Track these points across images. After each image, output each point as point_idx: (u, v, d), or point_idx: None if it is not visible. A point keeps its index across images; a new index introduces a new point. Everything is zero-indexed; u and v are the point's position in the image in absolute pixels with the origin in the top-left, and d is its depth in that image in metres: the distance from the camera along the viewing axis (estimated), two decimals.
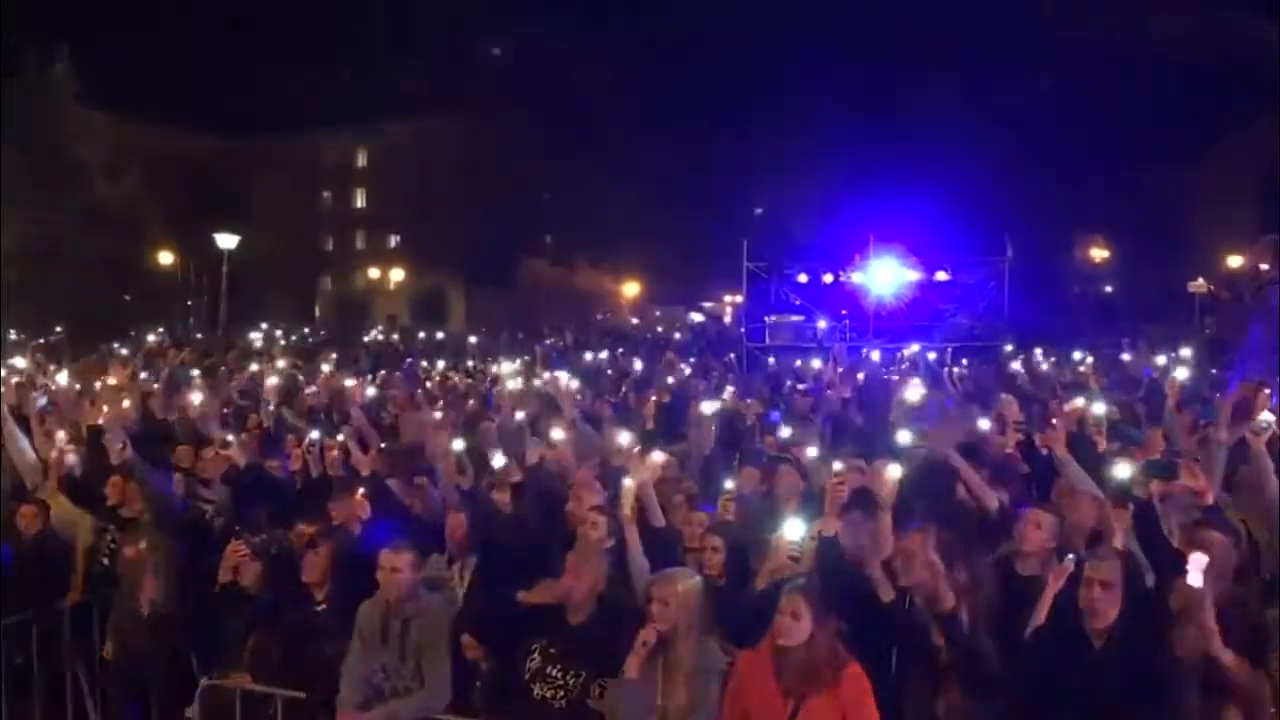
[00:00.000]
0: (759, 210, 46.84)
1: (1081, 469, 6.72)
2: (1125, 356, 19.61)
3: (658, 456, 5.96)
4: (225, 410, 11.60)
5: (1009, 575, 5.16)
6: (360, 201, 65.68)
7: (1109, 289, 51.09)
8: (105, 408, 10.05)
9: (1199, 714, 4.22)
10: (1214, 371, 16.57)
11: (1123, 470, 5.67)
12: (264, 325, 40.48)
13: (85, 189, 42.25)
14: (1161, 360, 18.62)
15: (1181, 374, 8.85)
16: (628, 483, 5.50)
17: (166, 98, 50.00)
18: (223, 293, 26.40)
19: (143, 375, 15.45)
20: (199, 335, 28.71)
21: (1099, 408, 7.70)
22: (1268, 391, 7.08)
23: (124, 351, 24.33)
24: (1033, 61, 38.94)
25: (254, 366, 17.29)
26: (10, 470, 7.81)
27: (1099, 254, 52.72)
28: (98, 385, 13.84)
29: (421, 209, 55.34)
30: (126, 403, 10.31)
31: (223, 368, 18.81)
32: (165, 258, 50.26)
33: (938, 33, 39.99)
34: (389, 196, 60.10)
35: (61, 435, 8.44)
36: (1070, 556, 4.71)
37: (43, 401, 9.93)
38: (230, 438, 9.08)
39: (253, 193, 54.37)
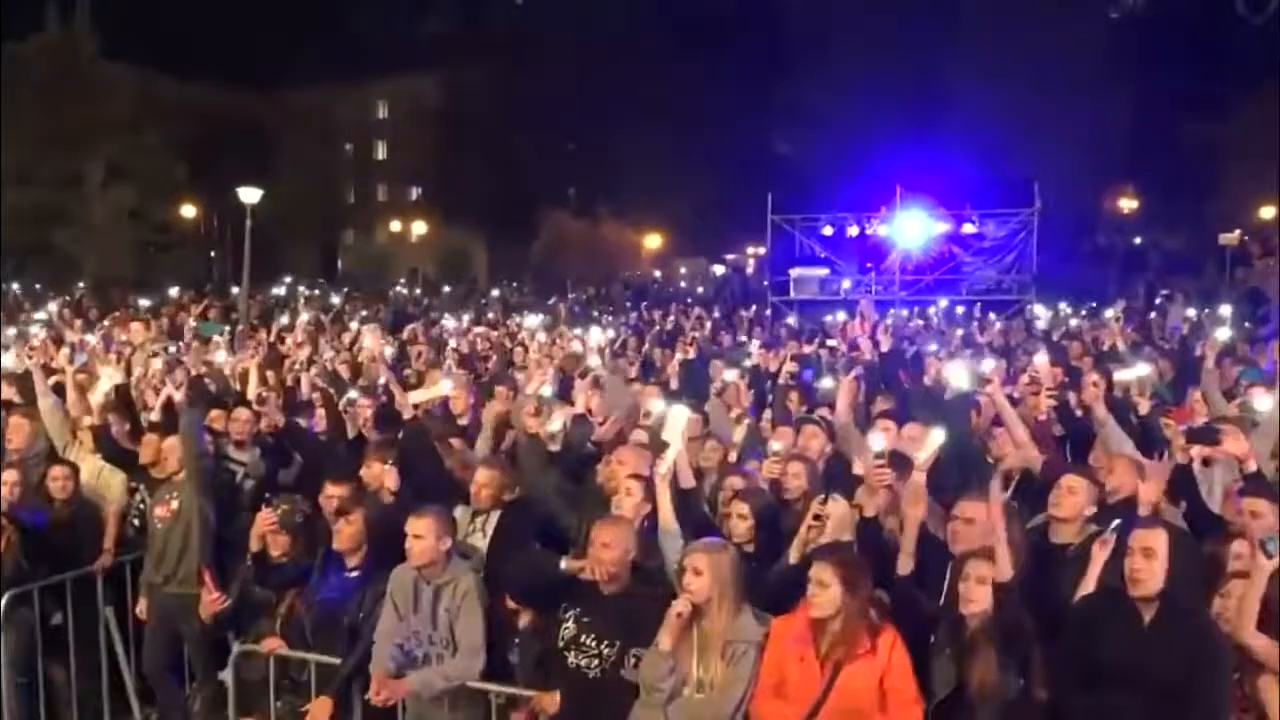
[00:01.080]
0: (783, 148, 46.25)
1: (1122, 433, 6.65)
2: (1153, 316, 19.33)
3: (682, 415, 5.81)
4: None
5: (1042, 543, 5.08)
6: (381, 154, 65.50)
7: (1138, 240, 50.41)
8: (138, 369, 10.06)
9: (1241, 685, 4.16)
10: (1247, 325, 16.39)
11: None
12: (287, 279, 40.66)
13: (107, 144, 42.28)
14: (1191, 313, 18.40)
15: (1222, 334, 8.64)
16: (674, 425, 5.44)
17: (187, 52, 49.82)
18: (246, 247, 26.31)
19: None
20: (233, 289, 28.84)
21: (1142, 369, 7.53)
22: None
23: (145, 303, 24.44)
24: (1064, 9, 38.14)
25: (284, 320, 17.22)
26: (43, 432, 7.81)
27: (1128, 204, 51.96)
28: (122, 341, 13.91)
29: (443, 161, 55.09)
30: (157, 362, 10.29)
31: (241, 325, 18.87)
32: (188, 212, 50.35)
33: None
34: (410, 149, 59.86)
35: (99, 393, 8.45)
36: (1115, 524, 4.61)
37: (81, 358, 9.89)
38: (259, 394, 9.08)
39: (274, 146, 54.26)
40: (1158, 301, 24.40)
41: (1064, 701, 4.10)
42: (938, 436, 5.08)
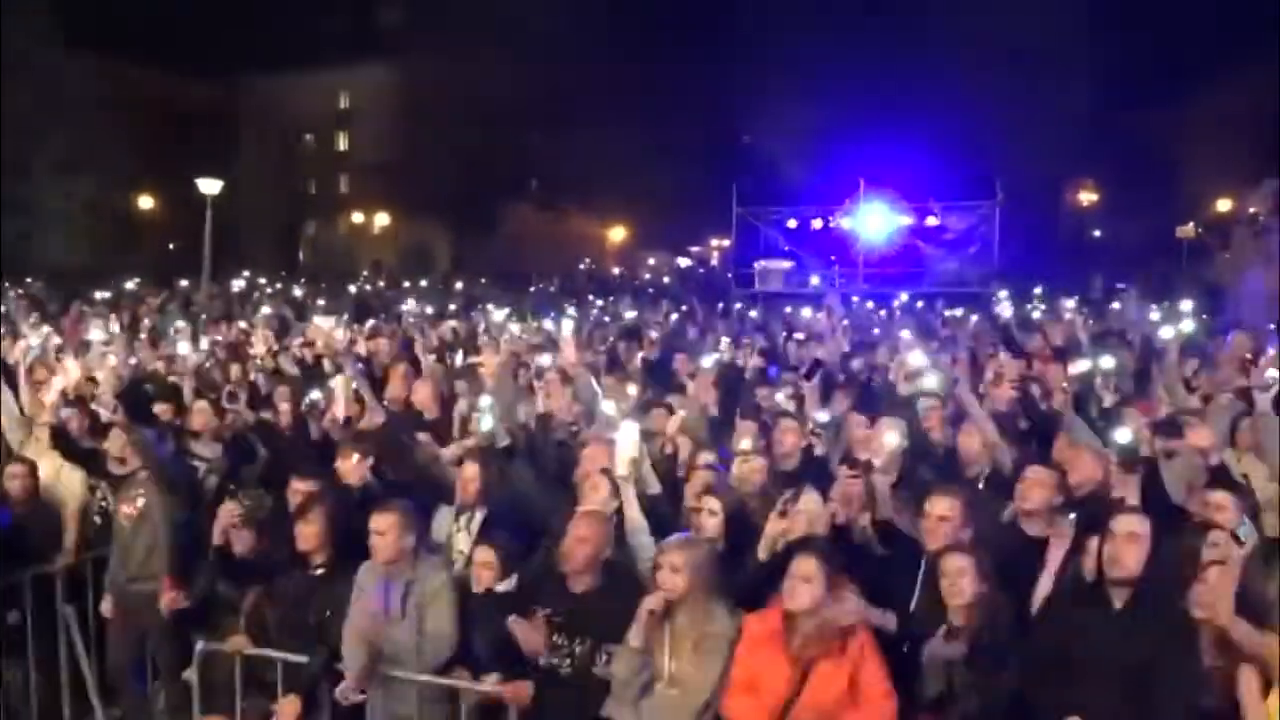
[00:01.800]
0: (747, 138, 46.35)
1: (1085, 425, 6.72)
2: (1115, 305, 19.56)
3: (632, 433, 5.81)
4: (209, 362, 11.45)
5: (1017, 537, 5.13)
6: (343, 145, 64.95)
7: (1097, 233, 51.04)
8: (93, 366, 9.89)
9: (1215, 674, 4.22)
10: (1204, 318, 16.61)
11: (1124, 435, 5.58)
12: (246, 273, 40.16)
13: (65, 132, 41.58)
14: (1154, 312, 18.62)
15: (1186, 327, 8.75)
16: (624, 443, 5.40)
17: (148, 40, 49.14)
18: (206, 239, 26.01)
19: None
20: (182, 282, 28.43)
21: (1107, 362, 7.60)
22: (1272, 352, 7.03)
23: (100, 296, 24.05)
24: (1027, 4, 38.47)
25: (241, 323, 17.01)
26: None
27: (1088, 197, 52.58)
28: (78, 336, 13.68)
29: (406, 152, 54.70)
30: (113, 360, 10.12)
31: (204, 316, 18.63)
32: (146, 203, 49.67)
33: None
34: (373, 140, 59.42)
35: (55, 390, 8.29)
36: (1071, 517, 4.66)
37: (35, 352, 9.68)
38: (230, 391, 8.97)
39: (235, 136, 53.66)
40: (1116, 292, 24.72)
41: (1039, 688, 4.15)
42: (892, 439, 5.12)
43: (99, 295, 24.87)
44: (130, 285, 29.95)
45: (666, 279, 47.66)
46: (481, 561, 5.14)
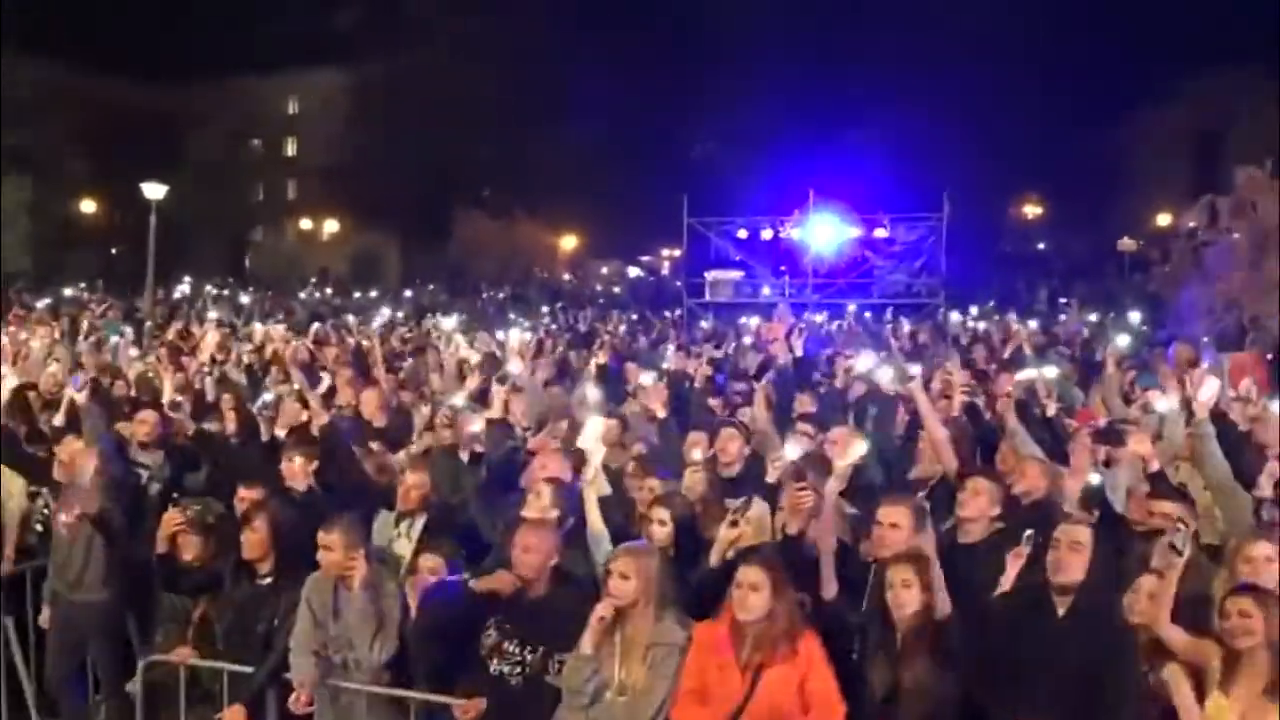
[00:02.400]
0: (697, 150, 46.59)
1: (1028, 435, 6.83)
2: (1061, 317, 19.93)
3: (598, 424, 5.83)
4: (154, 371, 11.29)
5: (953, 544, 5.21)
6: (292, 150, 64.20)
7: (1042, 245, 51.90)
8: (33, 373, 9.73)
9: (1149, 679, 4.32)
10: (1145, 330, 16.96)
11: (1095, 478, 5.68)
12: (188, 279, 39.55)
13: (6, 134, 40.72)
14: (1093, 317, 19.00)
15: (1122, 340, 8.94)
16: (590, 448, 5.41)
17: (92, 42, 48.26)
18: (150, 244, 25.59)
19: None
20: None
21: (1050, 371, 7.74)
22: (1208, 364, 7.19)
23: (41, 305, 23.62)
24: (971, 19, 39.07)
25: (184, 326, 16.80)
26: None
27: (1033, 211, 53.51)
28: (18, 342, 13.43)
29: (355, 159, 54.18)
30: (54, 366, 9.95)
31: (148, 323, 18.38)
32: (88, 207, 48.80)
33: None
34: (321, 145, 58.80)
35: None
36: (1028, 534, 4.75)
37: None
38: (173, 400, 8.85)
39: (180, 140, 52.89)
40: (1060, 304, 25.16)
41: (985, 693, 4.22)
42: (859, 448, 5.15)
43: (40, 302, 24.44)
44: (70, 291, 29.47)
45: (616, 289, 47.71)
46: (428, 568, 5.11)
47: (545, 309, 26.64)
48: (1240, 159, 18.40)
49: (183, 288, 36.66)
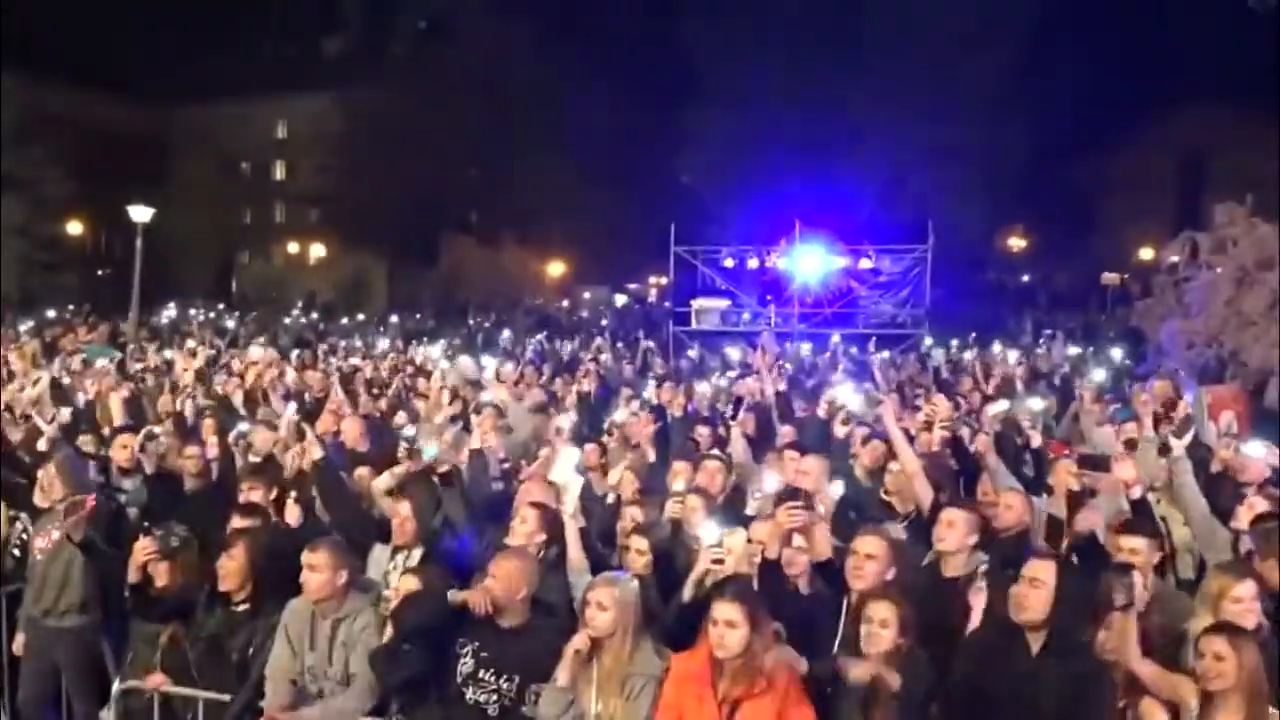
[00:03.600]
0: (685, 178, 46.75)
1: (1006, 469, 6.86)
2: (1040, 350, 20.03)
3: (572, 454, 5.84)
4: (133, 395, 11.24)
5: (937, 579, 5.21)
6: (280, 174, 64.27)
7: (1026, 278, 52.20)
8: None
9: (1127, 715, 4.32)
10: (1127, 363, 17.07)
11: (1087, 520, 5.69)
12: (173, 303, 39.43)
13: None
14: (1074, 350, 19.10)
15: (1098, 375, 8.99)
16: (566, 479, 5.41)
17: (80, 63, 48.30)
18: (136, 267, 25.54)
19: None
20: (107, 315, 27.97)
21: (1036, 404, 7.75)
22: (1189, 398, 7.24)
23: (23, 327, 23.53)
24: (957, 53, 39.41)
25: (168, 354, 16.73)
26: None
27: (1017, 243, 53.85)
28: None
29: (342, 183, 54.23)
30: (37, 389, 9.90)
31: (132, 346, 18.32)
32: (75, 229, 48.64)
33: (864, 19, 40.21)
34: (309, 170, 58.89)
35: None
36: (983, 567, 4.76)
37: None
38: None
39: (168, 163, 52.88)
40: (1043, 336, 25.28)
41: None
42: (838, 489, 5.17)
43: (24, 325, 24.34)
44: (52, 313, 29.33)
45: (604, 319, 47.74)
46: (406, 589, 5.03)
47: (533, 336, 26.60)
48: (1221, 193, 18.53)
49: (168, 311, 36.59)
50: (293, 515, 6.00)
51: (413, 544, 5.73)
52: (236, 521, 5.76)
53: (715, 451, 7.51)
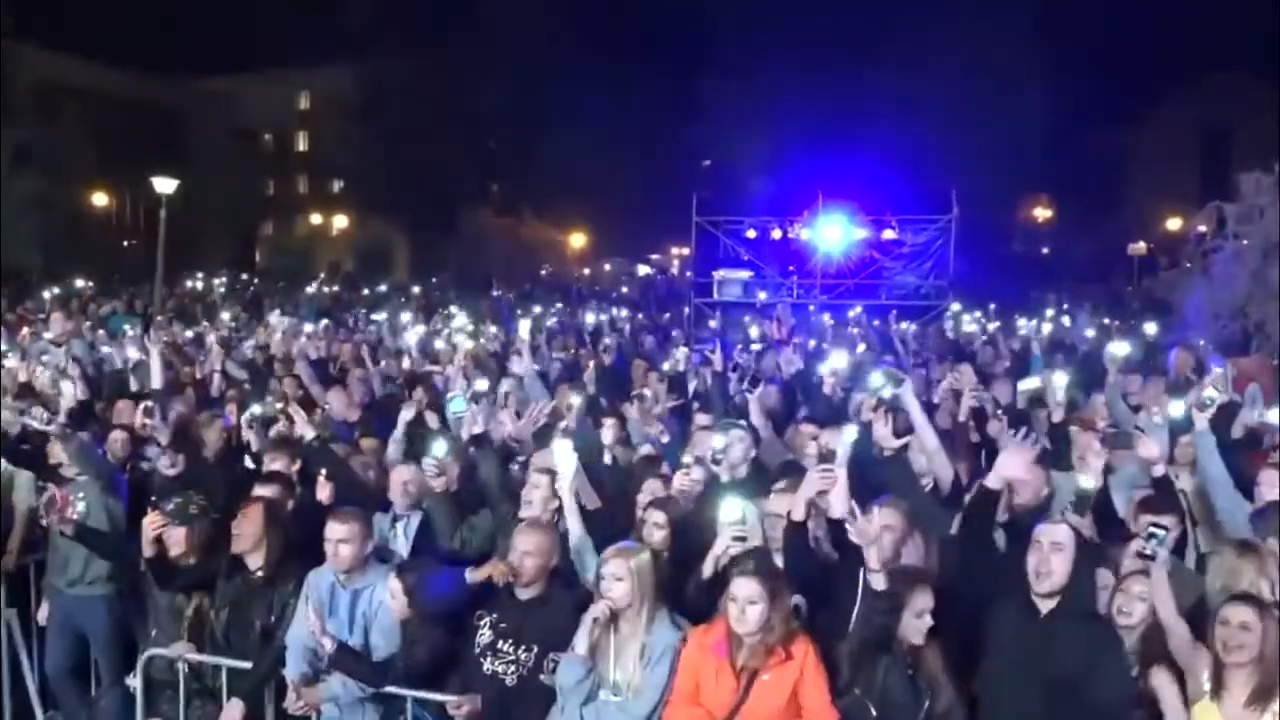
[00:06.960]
0: (707, 162, 46.51)
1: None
2: (1065, 321, 19.84)
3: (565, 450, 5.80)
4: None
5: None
6: (303, 145, 64.37)
7: (1049, 249, 51.78)
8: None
9: (1140, 682, 4.33)
10: (1152, 335, 16.90)
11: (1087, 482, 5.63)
12: (200, 274, 39.65)
13: (16, 127, 40.79)
14: (1092, 331, 18.92)
15: (1120, 348, 8.88)
16: (563, 454, 5.38)
17: (103, 35, 48.43)
18: (160, 238, 25.69)
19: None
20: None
21: (1060, 379, 7.67)
22: (1218, 370, 7.16)
23: (47, 295, 23.69)
24: (980, 22, 38.99)
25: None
26: None
27: (1042, 213, 53.39)
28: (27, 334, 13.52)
29: (365, 154, 54.26)
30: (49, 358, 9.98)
31: (159, 318, 18.43)
32: (99, 200, 48.88)
33: None
34: (332, 141, 58.89)
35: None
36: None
37: None
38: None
39: (191, 135, 52.98)
40: (1065, 308, 25.08)
41: (976, 695, 4.27)
42: (850, 433, 5.12)
43: (48, 294, 24.52)
44: (79, 283, 29.51)
45: (625, 288, 47.69)
46: (393, 590, 5.03)
47: (555, 306, 26.62)
48: (1248, 161, 18.23)
49: (193, 282, 36.78)
50: (324, 493, 6.02)
51: (411, 509, 5.81)
52: (258, 490, 5.81)
53: (738, 421, 7.47)
